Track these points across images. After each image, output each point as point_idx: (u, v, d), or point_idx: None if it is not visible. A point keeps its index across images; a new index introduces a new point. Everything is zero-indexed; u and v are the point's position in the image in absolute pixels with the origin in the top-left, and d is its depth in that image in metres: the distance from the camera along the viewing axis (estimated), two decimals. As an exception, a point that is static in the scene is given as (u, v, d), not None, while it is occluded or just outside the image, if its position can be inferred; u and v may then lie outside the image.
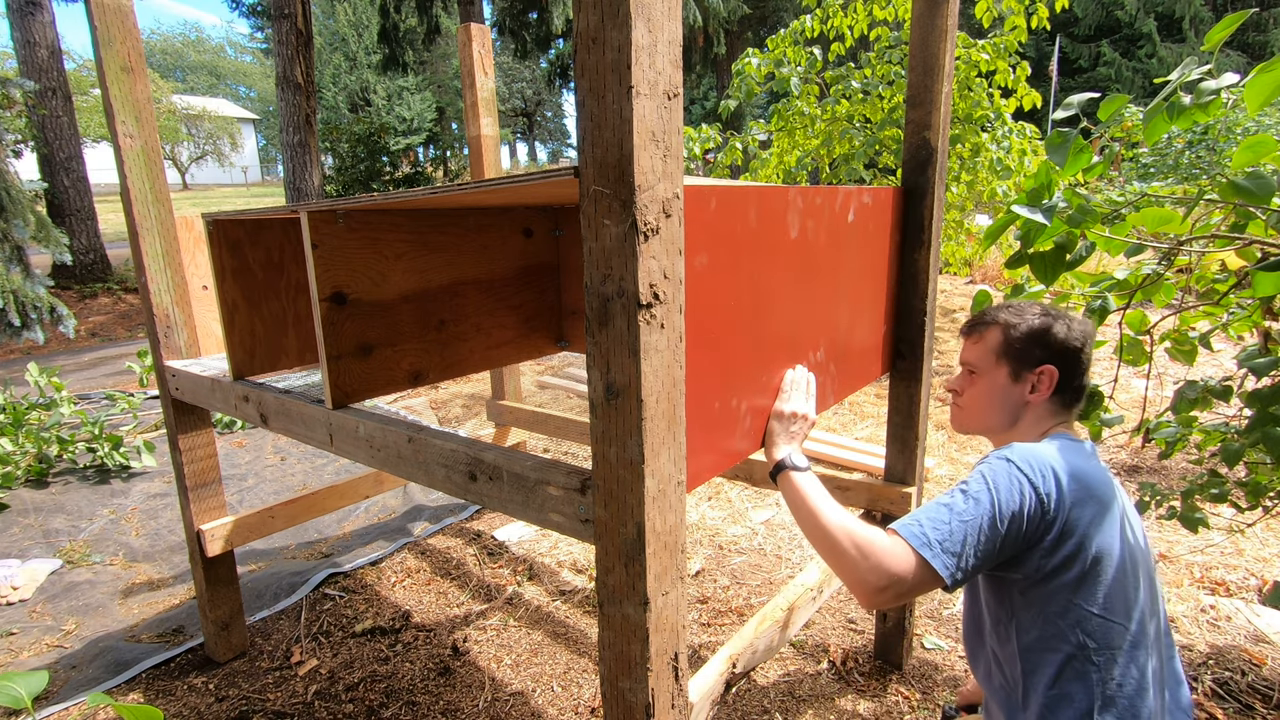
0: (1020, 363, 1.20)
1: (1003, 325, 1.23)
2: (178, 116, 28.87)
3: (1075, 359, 1.19)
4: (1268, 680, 1.95)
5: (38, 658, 2.31)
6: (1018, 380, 1.20)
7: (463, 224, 1.85)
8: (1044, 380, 1.18)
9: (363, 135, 14.80)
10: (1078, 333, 1.19)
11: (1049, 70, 18.82)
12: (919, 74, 1.68)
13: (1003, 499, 1.03)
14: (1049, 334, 1.19)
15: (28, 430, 3.87)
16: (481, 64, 2.71)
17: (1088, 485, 1.05)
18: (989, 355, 1.23)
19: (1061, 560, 1.05)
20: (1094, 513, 1.05)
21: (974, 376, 1.26)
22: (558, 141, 52.69)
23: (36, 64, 8.65)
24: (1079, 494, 1.04)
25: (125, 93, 1.91)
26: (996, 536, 1.02)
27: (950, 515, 1.03)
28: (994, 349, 1.23)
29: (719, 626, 2.34)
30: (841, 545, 1.06)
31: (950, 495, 1.07)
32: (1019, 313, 1.23)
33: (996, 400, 1.22)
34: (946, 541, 1.01)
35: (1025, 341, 1.20)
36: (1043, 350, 1.19)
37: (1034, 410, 1.21)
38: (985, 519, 1.02)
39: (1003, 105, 4.44)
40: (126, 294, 9.41)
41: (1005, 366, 1.21)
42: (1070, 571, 1.05)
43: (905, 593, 1.01)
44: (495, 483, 1.17)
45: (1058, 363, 1.18)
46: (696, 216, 0.99)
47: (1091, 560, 1.05)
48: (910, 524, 1.05)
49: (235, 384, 1.79)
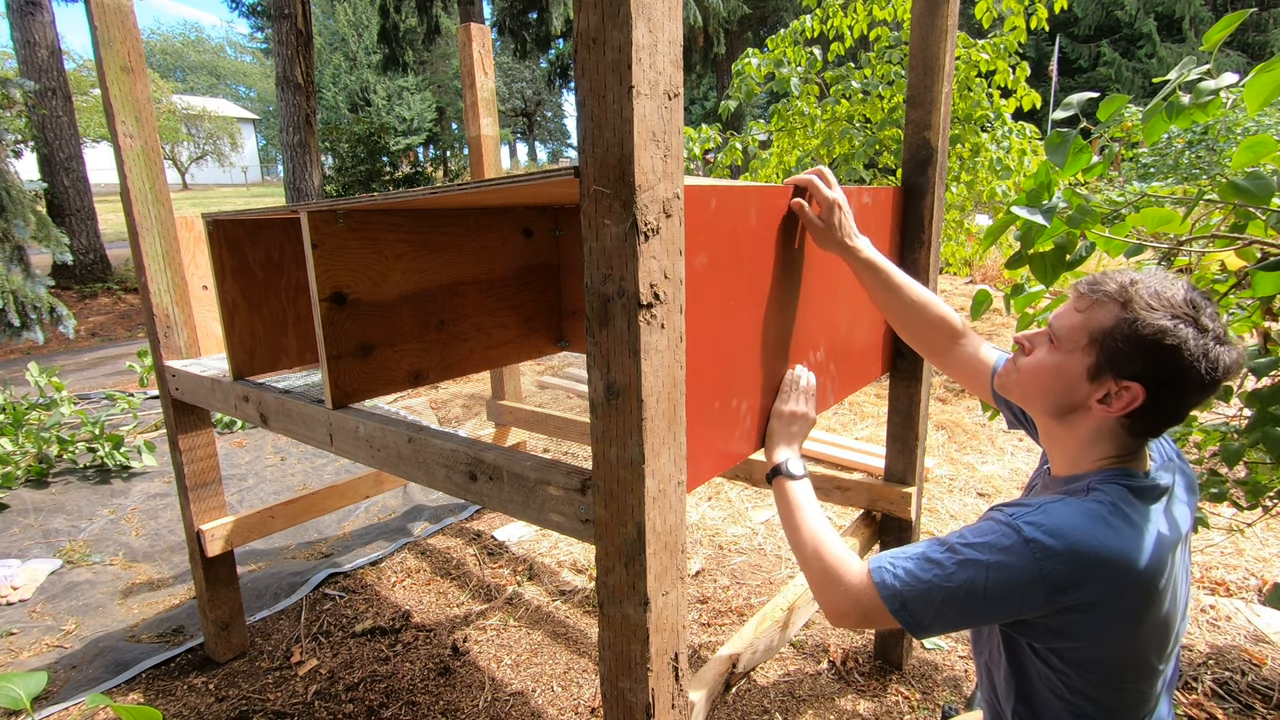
0: (1110, 362, 0.92)
1: (1120, 309, 0.91)
2: (178, 116, 28.86)
3: (1179, 393, 0.89)
4: (1268, 680, 1.95)
5: (38, 658, 2.31)
6: (1094, 380, 0.93)
7: (463, 224, 1.85)
8: (1123, 398, 0.91)
9: (363, 135, 14.81)
10: (1211, 360, 0.87)
11: (1049, 70, 18.82)
12: (919, 74, 1.68)
13: (994, 580, 0.89)
14: (1173, 353, 0.87)
15: (28, 430, 3.86)
16: (481, 64, 2.71)
17: (1117, 569, 0.86)
18: (1083, 332, 0.94)
19: (1071, 645, 0.93)
20: (1120, 612, 0.89)
21: (1052, 345, 0.99)
22: (558, 141, 52.68)
23: (36, 64, 8.65)
24: (1104, 582, 0.87)
25: (125, 93, 1.91)
26: (978, 615, 0.92)
27: (932, 575, 0.92)
28: (1094, 329, 0.93)
29: (719, 626, 2.34)
30: (811, 564, 1.06)
31: (943, 549, 0.94)
32: (1151, 301, 0.89)
33: (1059, 386, 0.97)
34: (916, 601, 0.93)
35: (1136, 343, 0.89)
36: (1146, 363, 0.89)
37: (1096, 423, 0.95)
38: (969, 595, 0.90)
39: (1002, 105, 4.44)
40: (126, 294, 9.41)
41: (1092, 356, 0.93)
42: (1079, 652, 0.93)
43: (868, 625, 0.99)
44: (495, 483, 1.17)
45: (1154, 387, 0.89)
46: (696, 216, 0.99)
47: (1108, 645, 0.91)
48: (886, 566, 0.96)
49: (235, 384, 1.79)
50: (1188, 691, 1.93)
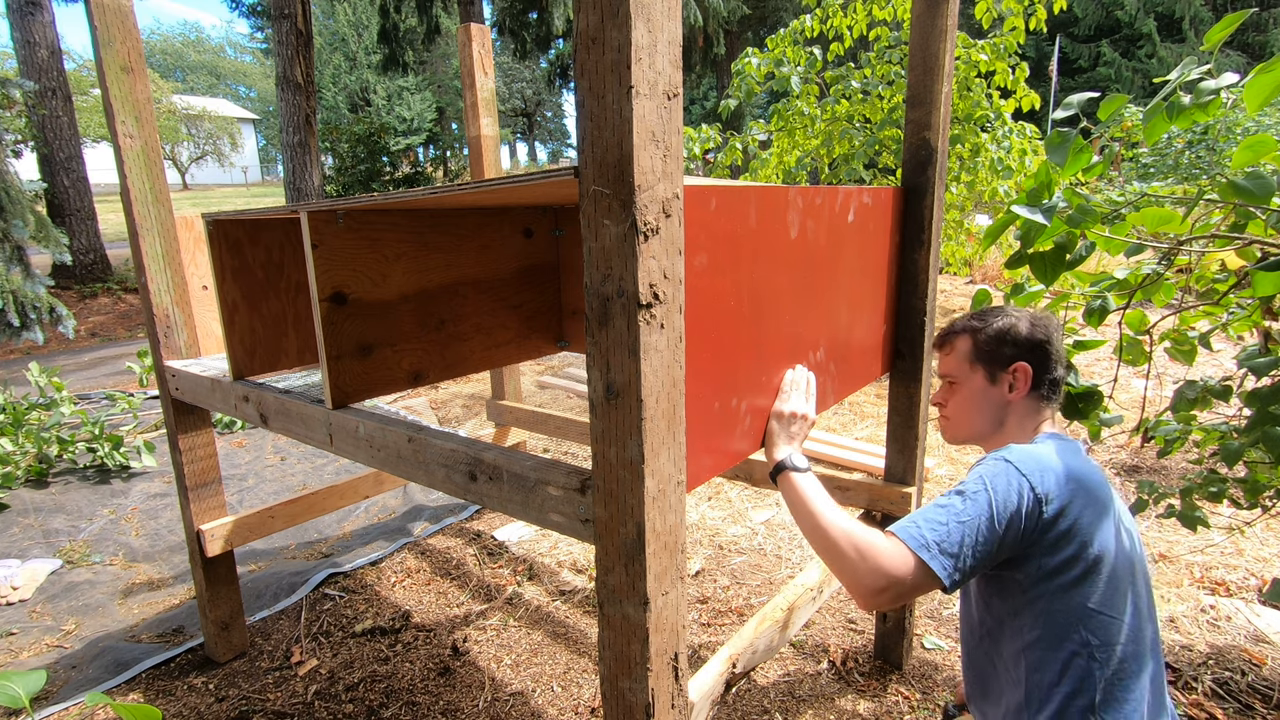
0: (993, 364, 1.24)
1: (969, 331, 1.27)
2: (178, 116, 28.85)
3: (1044, 352, 1.22)
4: (1268, 680, 1.95)
5: (38, 658, 2.31)
6: (994, 382, 1.24)
7: (463, 224, 1.85)
8: (1020, 377, 1.22)
9: (363, 135, 14.81)
10: (1041, 326, 1.23)
11: (1049, 70, 18.81)
12: (919, 74, 1.68)
13: (1000, 499, 1.03)
14: (1013, 332, 1.23)
15: (28, 430, 3.87)
16: (481, 64, 2.71)
17: (1085, 485, 1.07)
18: (962, 363, 1.27)
19: (1063, 559, 1.06)
20: (1093, 512, 1.06)
21: (954, 386, 1.29)
22: (558, 141, 52.68)
23: (36, 64, 8.65)
24: (1077, 493, 1.05)
25: (125, 93, 1.91)
26: (995, 537, 1.03)
27: (948, 516, 1.04)
28: (966, 356, 1.27)
29: (719, 626, 2.34)
30: (840, 547, 1.06)
31: (948, 497, 1.08)
32: (981, 318, 1.28)
33: (979, 405, 1.25)
34: (944, 543, 1.02)
35: (993, 343, 1.24)
36: (1011, 348, 1.22)
37: (1017, 409, 1.23)
38: (983, 520, 1.03)
39: (1002, 106, 4.44)
40: (126, 294, 9.41)
41: (980, 370, 1.25)
42: (1072, 570, 1.06)
43: (904, 594, 1.02)
44: (495, 483, 1.17)
45: (1029, 358, 1.22)
46: (696, 216, 0.99)
47: (1093, 559, 1.06)
48: (908, 526, 1.06)
49: (235, 384, 1.79)
50: (1188, 691, 1.93)
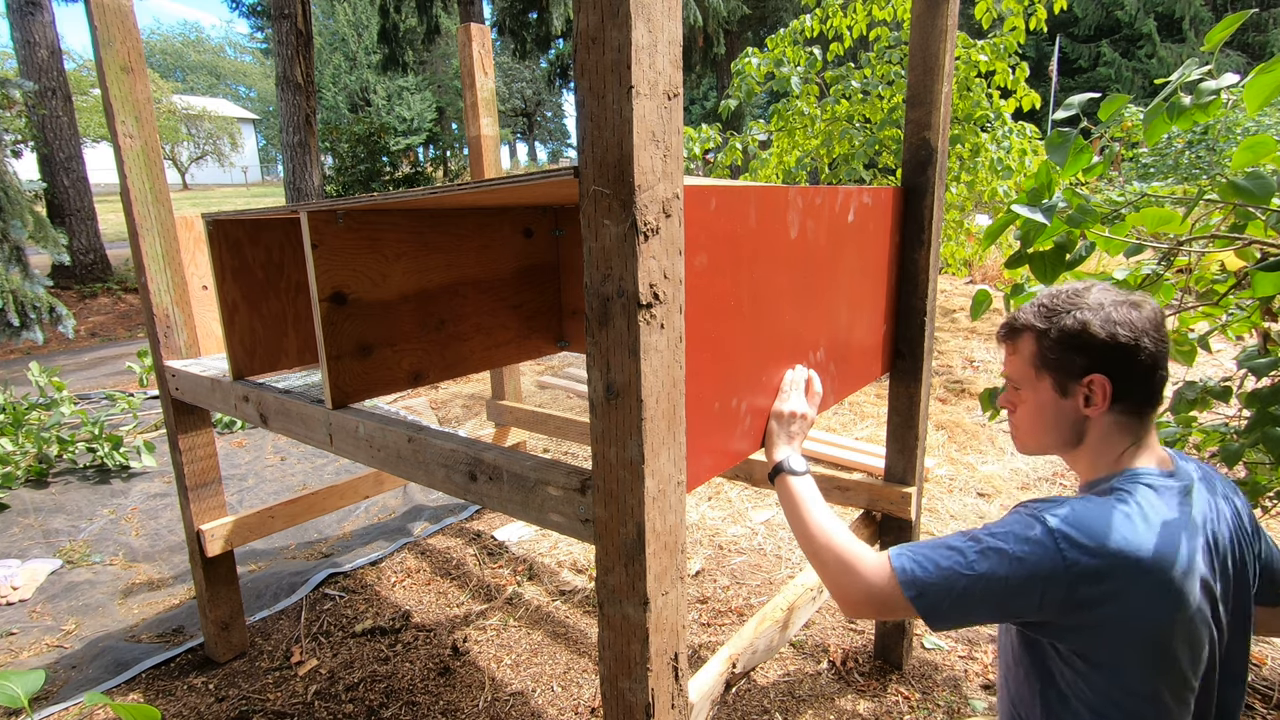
0: (1062, 374, 0.99)
1: (1034, 330, 1.02)
2: (178, 116, 28.85)
3: (1129, 359, 0.95)
4: (1267, 680, 1.95)
5: (38, 658, 2.31)
6: (1066, 394, 1.00)
7: (463, 224, 1.85)
8: (1096, 391, 0.97)
9: (363, 135, 14.81)
10: (1127, 324, 0.94)
11: (1049, 70, 18.82)
12: (919, 74, 1.68)
13: (1017, 570, 0.88)
14: (1085, 335, 0.96)
15: (28, 430, 3.87)
16: (481, 64, 2.71)
17: (1144, 563, 0.86)
18: (1028, 368, 1.04)
19: (1096, 644, 0.90)
20: (1147, 592, 0.87)
21: (1019, 393, 1.07)
22: (558, 141, 52.69)
23: (36, 64, 8.65)
24: (1130, 575, 0.86)
25: (125, 93, 1.91)
26: (999, 604, 0.91)
27: (951, 563, 0.93)
28: (1031, 360, 1.03)
29: (719, 626, 2.34)
30: (823, 556, 1.06)
31: (966, 538, 0.95)
32: (1050, 312, 1.00)
33: (1049, 420, 1.03)
34: (935, 588, 0.92)
35: (1060, 348, 0.99)
36: (1083, 356, 0.97)
37: (1097, 425, 0.99)
38: (989, 585, 0.90)
39: (1002, 106, 4.44)
40: (126, 294, 9.40)
41: (1047, 379, 1.01)
42: (1104, 651, 0.90)
43: (884, 614, 0.99)
44: (495, 483, 1.17)
45: (1106, 369, 0.96)
46: (696, 216, 0.99)
47: (1135, 642, 0.88)
48: (904, 555, 0.97)
49: (235, 384, 1.79)
50: (1188, 691, 1.93)
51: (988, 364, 5.17)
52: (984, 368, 5.10)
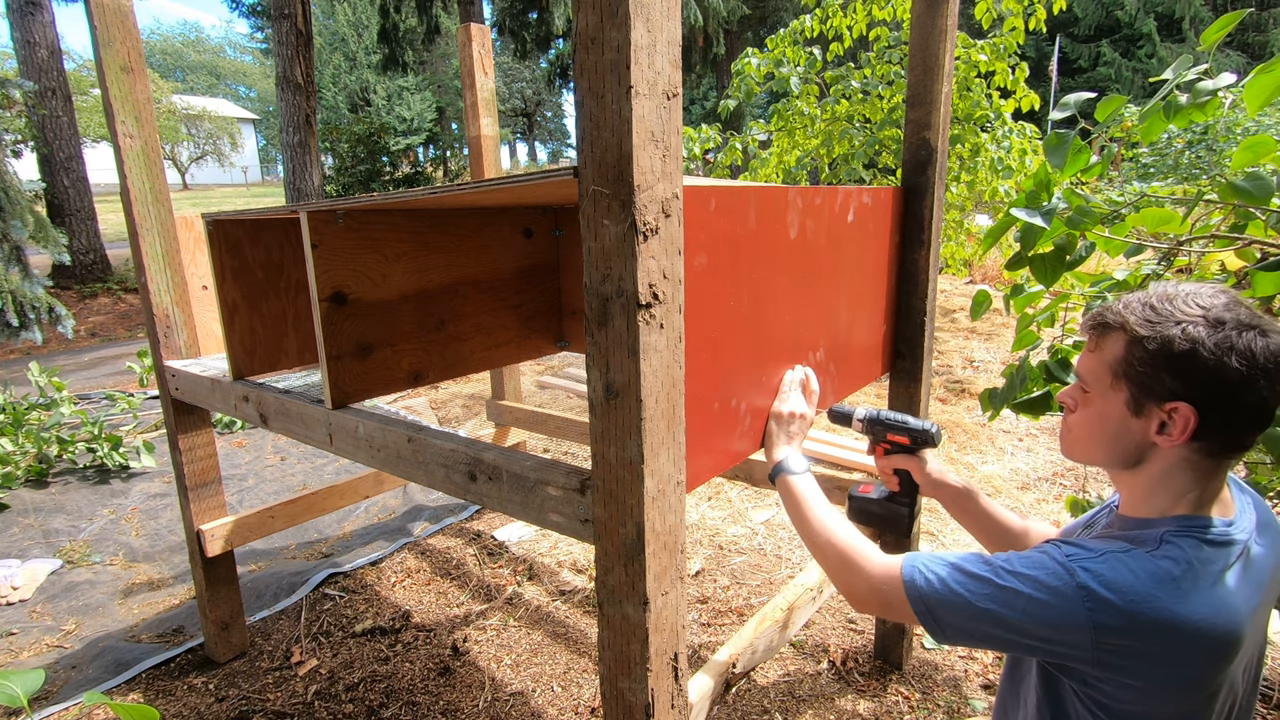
0: (1143, 391, 0.84)
1: (1129, 332, 0.85)
2: (178, 116, 28.84)
3: (1230, 396, 0.79)
4: (1268, 680, 1.95)
5: (38, 658, 2.31)
6: (1139, 414, 0.85)
7: (463, 224, 1.85)
8: (1176, 421, 0.82)
9: (363, 135, 14.81)
10: (1244, 354, 0.78)
11: (1049, 70, 18.81)
12: (919, 74, 1.68)
13: (1029, 616, 0.82)
14: (1190, 359, 0.79)
15: (28, 430, 3.87)
16: (481, 64, 2.71)
17: (1182, 636, 0.78)
18: (1104, 370, 0.88)
19: (1118, 697, 0.85)
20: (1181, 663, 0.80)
21: (1086, 395, 0.92)
22: (558, 141, 52.69)
23: (36, 64, 8.65)
24: (1164, 646, 0.79)
25: (125, 93, 1.91)
26: (1006, 640, 0.86)
27: (964, 590, 0.87)
28: (1112, 364, 0.87)
29: (719, 626, 2.34)
30: (825, 551, 1.06)
31: (986, 567, 0.88)
32: (1158, 319, 0.83)
33: (1109, 433, 0.89)
34: (942, 608, 0.88)
35: (1151, 363, 0.82)
36: (1177, 380, 0.81)
37: (1164, 457, 0.85)
38: (997, 620, 0.84)
39: (1002, 106, 4.44)
40: (126, 294, 9.40)
41: (1124, 391, 0.86)
42: (1126, 705, 0.85)
43: (890, 616, 0.98)
44: (495, 483, 1.17)
45: (1199, 401, 0.80)
46: (696, 216, 0.99)
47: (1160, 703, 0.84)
48: (920, 570, 0.92)
49: (235, 384, 1.79)
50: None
51: (988, 364, 5.17)
52: (984, 368, 5.10)
